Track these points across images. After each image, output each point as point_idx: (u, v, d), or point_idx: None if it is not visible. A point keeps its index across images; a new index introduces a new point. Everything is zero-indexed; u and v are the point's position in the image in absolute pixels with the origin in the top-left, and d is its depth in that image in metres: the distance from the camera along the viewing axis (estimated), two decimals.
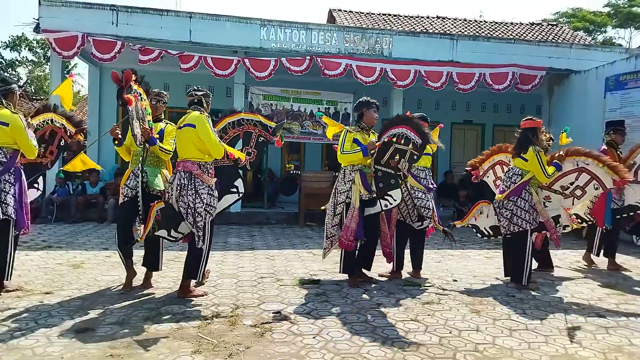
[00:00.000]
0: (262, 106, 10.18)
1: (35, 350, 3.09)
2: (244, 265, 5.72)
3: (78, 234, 7.64)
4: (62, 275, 5.01)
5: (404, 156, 4.77)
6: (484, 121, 13.22)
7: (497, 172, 5.78)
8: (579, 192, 5.13)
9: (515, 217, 4.91)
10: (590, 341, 3.53)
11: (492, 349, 3.32)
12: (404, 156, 4.77)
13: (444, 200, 11.43)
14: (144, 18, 9.05)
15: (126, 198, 4.51)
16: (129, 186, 4.51)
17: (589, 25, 27.16)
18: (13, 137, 4.20)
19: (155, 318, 3.74)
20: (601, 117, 9.26)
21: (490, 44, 10.43)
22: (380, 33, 10.05)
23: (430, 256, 6.48)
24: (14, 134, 4.19)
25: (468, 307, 4.28)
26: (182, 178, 4.11)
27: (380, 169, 4.83)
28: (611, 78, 9.22)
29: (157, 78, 10.76)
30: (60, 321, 3.62)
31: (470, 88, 10.10)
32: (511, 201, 4.94)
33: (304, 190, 9.40)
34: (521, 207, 4.91)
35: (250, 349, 3.20)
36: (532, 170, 4.91)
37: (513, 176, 5.01)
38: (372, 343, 3.35)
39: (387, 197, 4.81)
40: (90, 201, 9.24)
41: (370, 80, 9.71)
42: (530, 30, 15.43)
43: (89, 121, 11.96)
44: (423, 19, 15.45)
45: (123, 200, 4.55)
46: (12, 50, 32.81)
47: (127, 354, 3.07)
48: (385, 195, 4.81)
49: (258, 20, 9.46)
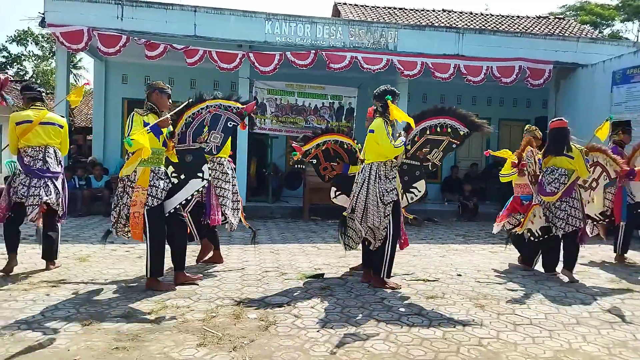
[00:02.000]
0: (267, 100, 10.18)
1: (42, 342, 3.12)
2: (248, 259, 5.74)
3: (84, 227, 7.69)
4: (69, 268, 5.05)
5: (438, 146, 4.84)
6: (490, 115, 13.10)
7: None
8: (594, 184, 5.64)
9: (571, 218, 5.06)
10: (595, 336, 3.52)
11: (496, 344, 3.32)
12: (438, 146, 4.84)
13: (448, 195, 11.42)
14: (148, 12, 9.06)
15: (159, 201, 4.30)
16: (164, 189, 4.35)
17: (596, 19, 26.93)
18: (62, 137, 4.90)
19: (160, 311, 3.77)
20: (607, 111, 9.19)
21: (496, 38, 10.36)
22: (386, 27, 10.00)
23: (435, 251, 6.48)
24: (64, 134, 4.93)
25: (472, 301, 4.28)
26: None
27: (407, 163, 4.86)
28: (618, 72, 9.15)
29: (162, 72, 10.81)
30: (67, 314, 3.65)
31: (480, 80, 10.00)
32: (564, 202, 5.07)
33: (309, 185, 9.40)
34: (575, 207, 5.09)
35: (254, 342, 3.22)
36: (577, 167, 5.05)
37: (560, 177, 5.10)
38: (376, 337, 3.36)
39: (412, 189, 4.86)
40: (95, 195, 9.29)
41: (377, 68, 9.65)
42: (537, 24, 15.32)
43: (94, 115, 12.02)
44: (429, 13, 15.37)
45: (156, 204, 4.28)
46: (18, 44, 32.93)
47: (133, 346, 3.10)
48: (410, 188, 4.84)
49: (263, 14, 9.44)
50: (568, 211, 5.05)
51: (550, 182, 5.13)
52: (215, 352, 3.05)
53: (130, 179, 4.24)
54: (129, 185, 4.26)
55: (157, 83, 4.50)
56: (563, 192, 5.05)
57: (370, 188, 4.48)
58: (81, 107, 22.10)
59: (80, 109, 21.90)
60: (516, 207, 5.61)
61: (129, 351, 3.03)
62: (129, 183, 4.26)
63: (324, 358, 3.00)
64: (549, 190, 5.12)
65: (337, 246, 6.71)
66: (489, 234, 6.06)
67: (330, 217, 8.69)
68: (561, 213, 5.07)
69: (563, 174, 5.09)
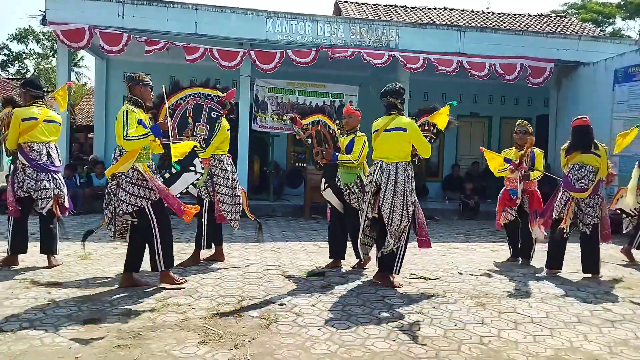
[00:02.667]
0: (268, 99, 10.18)
1: (43, 340, 3.13)
2: (249, 257, 5.75)
3: (85, 225, 7.70)
4: (70, 266, 5.06)
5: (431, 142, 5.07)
6: (491, 113, 13.14)
7: None
8: None
9: (596, 214, 5.20)
10: (596, 334, 3.52)
11: (497, 342, 3.32)
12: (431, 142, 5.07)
13: (450, 193, 11.41)
14: (149, 10, 9.05)
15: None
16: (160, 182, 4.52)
17: (598, 17, 26.85)
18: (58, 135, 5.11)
19: (162, 309, 3.77)
20: (609, 110, 9.18)
21: (497, 36, 10.35)
22: (387, 25, 9.98)
23: (436, 249, 6.47)
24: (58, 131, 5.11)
25: (473, 300, 4.28)
26: None
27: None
28: (620, 70, 9.13)
29: (163, 70, 10.81)
30: (68, 312, 3.65)
31: (484, 75, 9.93)
32: (592, 198, 5.20)
33: (310, 183, 9.40)
34: (599, 203, 5.22)
35: (255, 340, 3.22)
36: (602, 164, 5.17)
37: (589, 174, 5.19)
38: (377, 335, 3.36)
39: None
40: (97, 193, 9.29)
41: (380, 62, 9.62)
42: (539, 22, 15.29)
43: (95, 113, 12.02)
44: (430, 10, 15.35)
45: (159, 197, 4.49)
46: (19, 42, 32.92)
47: (134, 344, 3.10)
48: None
49: (264, 12, 9.43)
50: (594, 208, 5.18)
51: (580, 179, 5.20)
52: (216, 350, 3.05)
53: (127, 175, 4.12)
54: (129, 182, 4.12)
55: (139, 75, 4.37)
56: (593, 189, 5.16)
57: (399, 189, 4.41)
58: (82, 105, 22.13)
59: (81, 106, 21.92)
60: (506, 202, 5.75)
61: (130, 349, 3.03)
62: (127, 180, 4.12)
63: (325, 356, 3.00)
64: (579, 187, 5.19)
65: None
66: (490, 232, 6.07)
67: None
68: (590, 210, 5.18)
69: (591, 171, 5.19)
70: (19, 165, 4.84)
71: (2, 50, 33.01)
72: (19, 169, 4.83)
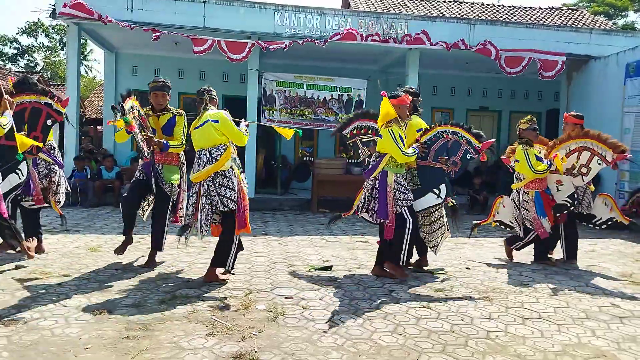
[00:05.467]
0: (276, 92, 10.16)
1: (53, 330, 3.17)
2: (257, 250, 5.77)
3: (95, 218, 7.77)
4: (80, 258, 5.11)
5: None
6: (501, 108, 13.04)
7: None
8: (584, 170, 5.39)
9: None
10: (604, 330, 3.50)
11: (505, 337, 3.32)
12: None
13: (458, 188, 11.35)
14: (158, 3, 9.05)
15: (137, 179, 4.84)
16: (143, 171, 4.83)
17: (610, 10, 26.49)
18: None
19: (170, 301, 3.81)
20: (620, 104, 9.07)
21: (508, 29, 10.21)
22: (396, 17, 9.90)
23: (443, 243, 6.43)
24: None
25: (481, 294, 4.27)
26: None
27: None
28: (632, 64, 9.00)
29: (172, 64, 10.84)
30: (78, 303, 3.70)
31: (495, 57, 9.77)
32: None
33: (317, 177, 9.41)
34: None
35: (262, 332, 3.24)
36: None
37: None
38: (384, 329, 3.37)
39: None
40: (106, 186, 9.37)
41: (389, 47, 9.61)
42: (549, 15, 15.11)
43: (104, 107, 12.09)
44: (439, 3, 15.20)
45: (137, 178, 4.84)
46: (29, 36, 33.13)
47: (143, 335, 3.14)
48: None
49: (272, 5, 9.40)
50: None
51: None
52: (224, 342, 3.08)
53: (226, 175, 4.26)
54: (229, 179, 4.26)
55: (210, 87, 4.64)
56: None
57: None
58: (92, 98, 22.26)
59: (91, 100, 22.05)
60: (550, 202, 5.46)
61: (139, 340, 3.06)
62: (226, 179, 4.27)
63: (332, 349, 3.02)
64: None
65: (344, 238, 6.73)
66: (498, 227, 6.03)
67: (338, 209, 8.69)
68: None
69: None
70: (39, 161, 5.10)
71: (11, 44, 33.26)
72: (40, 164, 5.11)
